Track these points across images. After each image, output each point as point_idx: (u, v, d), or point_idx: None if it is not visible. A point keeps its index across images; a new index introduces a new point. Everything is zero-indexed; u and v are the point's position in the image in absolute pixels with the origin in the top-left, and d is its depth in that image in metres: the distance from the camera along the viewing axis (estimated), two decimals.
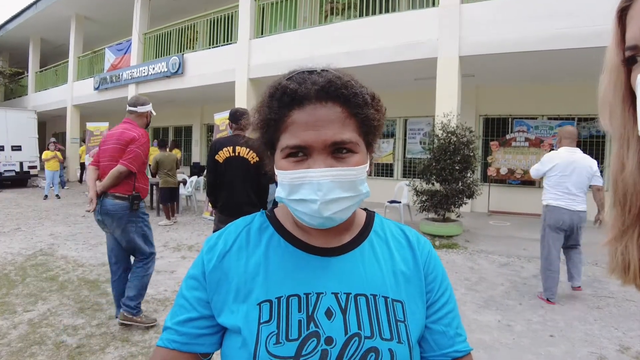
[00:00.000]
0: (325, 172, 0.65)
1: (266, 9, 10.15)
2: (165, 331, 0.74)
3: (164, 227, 7.84)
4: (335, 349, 0.65)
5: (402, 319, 0.71)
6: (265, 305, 0.68)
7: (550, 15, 6.46)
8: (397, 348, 0.67)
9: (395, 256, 0.77)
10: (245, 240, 0.76)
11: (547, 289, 4.11)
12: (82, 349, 3.02)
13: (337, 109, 0.67)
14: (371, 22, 8.34)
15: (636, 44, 0.47)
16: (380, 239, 0.79)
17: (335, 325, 0.67)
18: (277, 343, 0.65)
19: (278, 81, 0.70)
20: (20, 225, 7.76)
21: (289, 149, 0.67)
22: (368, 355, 0.65)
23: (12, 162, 14.21)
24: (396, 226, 0.84)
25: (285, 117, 0.67)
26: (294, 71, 0.71)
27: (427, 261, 0.79)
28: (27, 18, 16.83)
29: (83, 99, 15.62)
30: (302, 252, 0.73)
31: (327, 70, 0.70)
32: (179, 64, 11.46)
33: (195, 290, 0.73)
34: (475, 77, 8.76)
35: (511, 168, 9.20)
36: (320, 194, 0.65)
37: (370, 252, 0.76)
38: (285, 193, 0.69)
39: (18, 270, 4.94)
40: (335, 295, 0.70)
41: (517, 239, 6.88)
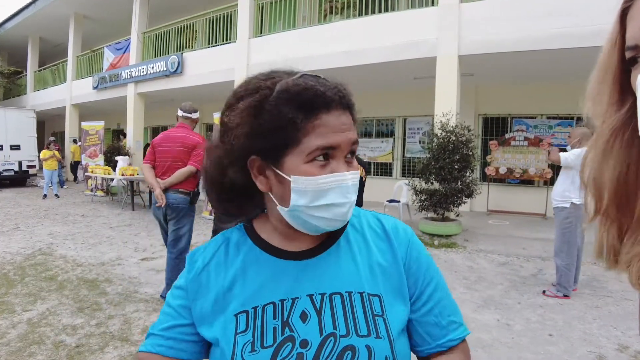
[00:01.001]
0: (352, 174, 0.68)
1: (265, 8, 10.14)
2: (149, 337, 0.74)
3: None
4: (311, 351, 0.65)
5: (380, 313, 0.70)
6: (242, 316, 0.69)
7: (549, 14, 6.46)
8: (375, 343, 0.67)
9: (372, 248, 0.77)
10: (223, 254, 0.76)
11: (568, 286, 4.18)
12: (81, 349, 3.02)
13: (349, 115, 0.69)
14: (370, 22, 8.33)
15: (636, 44, 0.48)
16: (356, 232, 0.79)
17: (310, 328, 0.67)
18: (252, 351, 0.66)
19: (301, 81, 0.65)
20: (19, 224, 7.75)
21: (320, 150, 0.65)
22: (344, 354, 0.65)
23: (11, 161, 14.19)
24: (373, 216, 0.83)
25: (312, 118, 0.64)
26: (298, 72, 0.69)
27: (407, 251, 0.77)
28: (26, 17, 16.79)
29: (82, 98, 15.59)
30: (279, 259, 0.73)
31: (326, 78, 0.69)
32: (178, 63, 11.45)
33: (180, 299, 0.75)
34: (474, 76, 8.76)
35: (510, 167, 9.20)
36: (349, 197, 0.67)
37: (346, 248, 0.75)
38: (307, 200, 0.66)
39: (17, 269, 4.94)
40: (310, 298, 0.70)
41: (516, 238, 6.88)
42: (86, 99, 15.39)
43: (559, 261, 4.22)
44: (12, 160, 14.20)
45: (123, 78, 13.22)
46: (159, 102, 14.40)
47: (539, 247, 6.28)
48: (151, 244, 6.39)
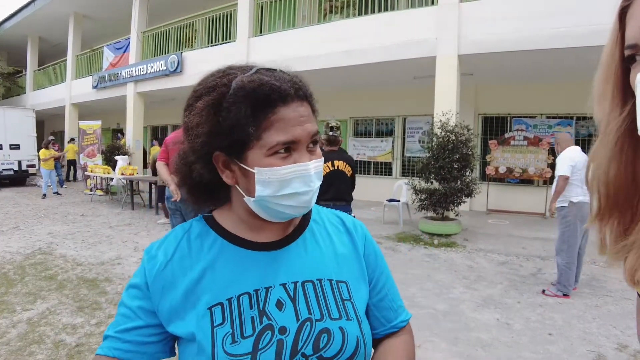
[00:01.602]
0: (315, 163, 0.70)
1: (265, 8, 10.14)
2: (106, 340, 0.72)
3: (162, 225, 7.84)
4: (290, 337, 0.68)
5: (348, 298, 0.76)
6: (217, 309, 0.69)
7: (549, 14, 6.46)
8: (347, 325, 0.72)
9: (335, 240, 0.82)
10: (186, 247, 0.75)
11: (567, 285, 4.18)
12: (81, 348, 3.02)
13: (308, 106, 0.71)
14: (370, 21, 8.33)
15: (636, 43, 0.48)
16: (319, 226, 0.84)
17: (286, 315, 0.70)
18: (233, 342, 0.66)
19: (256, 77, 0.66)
20: (18, 224, 7.75)
21: (281, 145, 0.66)
22: (321, 336, 0.69)
23: (11, 160, 14.17)
24: (332, 213, 0.90)
25: (269, 113, 0.66)
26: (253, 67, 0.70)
27: (365, 244, 0.85)
28: (25, 16, 16.77)
29: (81, 98, 15.58)
30: (248, 250, 0.74)
31: (282, 71, 0.71)
32: (177, 62, 11.44)
33: (138, 300, 0.72)
34: (474, 75, 8.76)
35: (510, 167, 9.21)
36: (312, 185, 0.70)
37: (311, 240, 0.80)
38: (272, 190, 0.68)
39: (17, 269, 4.94)
40: (284, 286, 0.72)
41: (516, 238, 6.89)
42: (86, 99, 15.38)
43: (559, 260, 4.24)
44: (11, 160, 14.19)
45: (123, 77, 13.21)
46: (158, 101, 14.39)
47: (538, 246, 6.29)
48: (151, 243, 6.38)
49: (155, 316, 0.72)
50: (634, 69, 0.49)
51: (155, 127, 17.72)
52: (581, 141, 9.14)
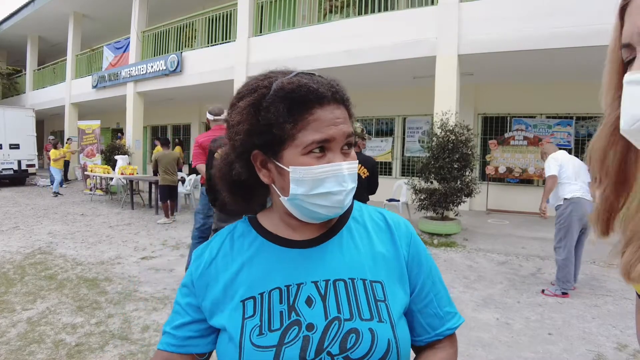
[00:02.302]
0: (348, 164, 0.71)
1: (265, 7, 10.14)
2: (164, 335, 0.80)
3: (162, 225, 7.84)
4: (317, 334, 0.68)
5: (383, 299, 0.74)
6: (249, 302, 0.73)
7: (549, 13, 6.47)
8: (378, 327, 0.70)
9: (374, 239, 0.81)
10: (229, 246, 0.80)
11: (567, 282, 4.19)
12: (81, 347, 3.02)
13: (344, 110, 0.73)
14: (370, 21, 8.33)
15: (629, 42, 0.50)
16: (358, 224, 0.83)
17: (315, 312, 0.71)
18: (260, 334, 0.69)
19: (295, 79, 0.70)
20: (18, 223, 7.75)
21: (315, 144, 0.69)
22: (349, 336, 0.68)
23: (10, 160, 14.17)
24: (375, 211, 0.88)
25: (306, 114, 0.69)
26: (294, 71, 0.73)
27: (409, 244, 0.82)
28: (25, 16, 16.76)
29: (81, 97, 15.57)
30: (284, 247, 0.77)
31: (321, 75, 0.74)
32: (177, 62, 11.44)
33: (186, 297, 0.79)
34: (473, 75, 8.77)
35: (509, 167, 9.22)
36: (345, 185, 0.71)
37: (348, 238, 0.79)
38: (306, 189, 0.70)
39: (17, 268, 4.94)
40: (315, 284, 0.73)
41: (516, 237, 6.89)
42: (85, 98, 15.37)
43: (557, 256, 4.28)
44: (11, 160, 14.19)
45: (122, 77, 13.20)
46: (158, 101, 14.39)
47: (538, 246, 6.29)
48: (151, 242, 6.40)
49: (201, 312, 0.78)
50: (629, 68, 0.50)
51: (155, 126, 17.71)
52: (580, 141, 9.15)
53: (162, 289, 4.33)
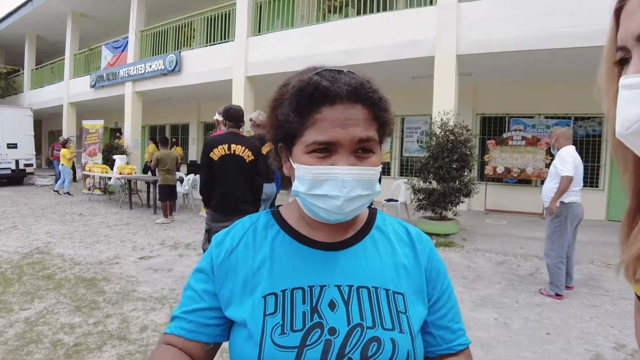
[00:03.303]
0: (351, 170, 0.68)
1: (264, 7, 10.13)
2: (173, 320, 0.78)
3: (161, 225, 7.83)
4: (339, 339, 0.67)
5: (404, 310, 0.73)
6: (271, 298, 0.71)
7: (548, 14, 6.48)
8: (399, 337, 0.69)
9: (397, 250, 0.80)
10: (252, 237, 0.79)
11: (559, 284, 4.18)
12: (79, 347, 3.01)
13: (364, 111, 0.69)
14: (369, 21, 8.33)
15: (624, 45, 0.50)
16: (382, 234, 0.82)
17: (338, 316, 0.69)
18: (282, 334, 0.67)
19: (308, 76, 0.69)
20: (16, 223, 7.73)
21: (317, 145, 0.68)
22: (370, 344, 0.67)
23: (8, 160, 14.13)
24: (398, 223, 0.87)
25: (313, 112, 0.68)
26: (320, 67, 0.72)
27: (429, 258, 0.82)
28: (23, 15, 16.70)
29: (79, 97, 15.54)
30: (306, 247, 0.76)
31: (355, 73, 0.72)
32: (176, 61, 11.42)
33: (203, 283, 0.77)
34: (472, 75, 8.78)
35: (508, 167, 9.23)
36: (345, 191, 0.68)
37: (372, 247, 0.78)
38: (305, 188, 0.70)
39: (14, 268, 4.92)
40: (338, 288, 0.72)
41: (514, 238, 6.90)
42: (84, 98, 15.34)
43: (549, 261, 4.25)
44: (9, 159, 14.15)
45: (121, 76, 13.18)
46: (156, 100, 14.37)
47: (536, 246, 6.30)
48: (149, 242, 6.39)
49: (217, 299, 0.76)
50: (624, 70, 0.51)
51: (153, 126, 17.69)
52: (579, 141, 9.17)
53: (160, 288, 4.32)
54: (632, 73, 0.48)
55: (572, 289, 4.32)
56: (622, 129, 0.49)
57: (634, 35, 0.48)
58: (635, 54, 0.48)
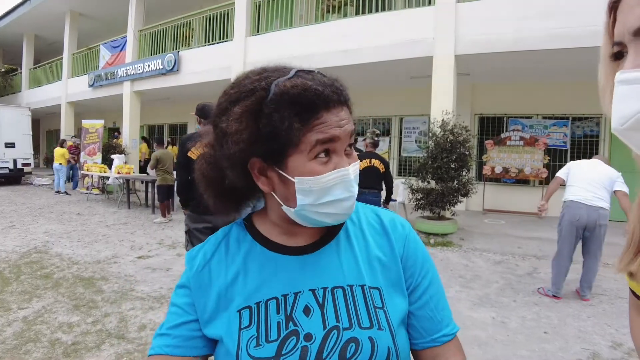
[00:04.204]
0: (353, 167, 0.69)
1: (262, 7, 10.13)
2: (157, 338, 0.73)
3: (159, 224, 7.82)
4: (315, 344, 0.66)
5: (381, 306, 0.71)
6: (245, 312, 0.70)
7: (546, 14, 6.50)
8: (378, 335, 0.68)
9: (370, 243, 0.77)
10: (224, 251, 0.76)
11: (554, 284, 4.17)
12: (78, 346, 3.01)
13: (347, 110, 0.69)
14: (367, 21, 8.34)
15: (621, 41, 0.50)
16: (355, 227, 0.79)
17: (313, 321, 0.68)
18: (257, 345, 0.66)
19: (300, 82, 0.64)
20: (14, 222, 7.72)
21: (320, 145, 0.64)
22: (348, 346, 0.66)
23: (6, 159, 14.10)
24: (372, 211, 0.84)
25: (312, 119, 0.64)
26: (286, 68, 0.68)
27: (404, 245, 0.78)
28: (21, 14, 16.66)
29: (78, 96, 15.51)
30: (279, 254, 0.74)
31: (321, 73, 0.69)
32: (174, 61, 11.42)
33: (186, 297, 0.74)
34: (470, 75, 8.80)
35: (506, 167, 9.25)
36: (353, 190, 0.68)
37: (345, 242, 0.76)
38: (313, 199, 0.66)
39: (12, 267, 4.92)
40: (313, 292, 0.71)
41: (512, 237, 6.92)
42: (82, 97, 15.32)
43: (553, 260, 4.26)
44: (6, 158, 14.12)
45: (119, 76, 13.16)
46: (155, 100, 14.34)
47: (534, 246, 6.32)
48: (147, 242, 6.38)
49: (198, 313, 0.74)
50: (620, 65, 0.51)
51: (151, 125, 17.66)
52: (577, 142, 9.19)
53: (159, 288, 4.32)
54: (628, 68, 0.48)
55: (587, 301, 4.13)
56: (617, 125, 0.49)
57: (631, 30, 0.48)
58: (632, 49, 0.49)
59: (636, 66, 0.47)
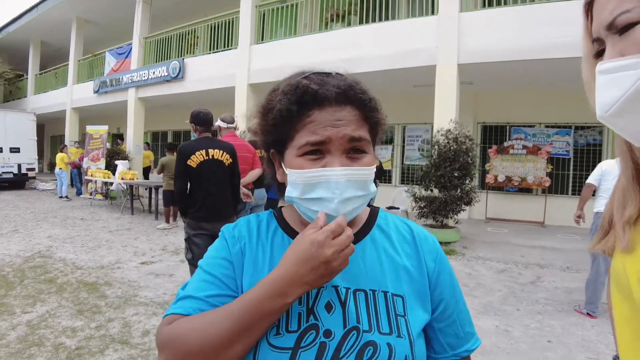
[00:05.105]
0: (343, 170, 0.67)
1: (267, 15, 10.22)
2: (187, 300, 0.71)
3: (162, 230, 7.84)
4: (334, 341, 0.66)
5: (403, 314, 0.71)
6: None
7: (548, 23, 6.54)
8: (396, 342, 0.68)
9: (399, 251, 0.78)
10: (256, 235, 0.78)
11: (591, 302, 3.94)
12: (81, 351, 3.02)
13: (355, 112, 0.70)
14: (371, 30, 8.41)
15: (598, 37, 0.54)
16: (382, 234, 0.80)
17: (334, 319, 0.68)
18: (277, 334, 0.67)
19: (296, 81, 0.70)
20: (18, 227, 7.75)
21: (309, 146, 0.68)
22: (366, 348, 0.66)
23: (10, 164, 14.19)
24: (402, 221, 0.84)
25: (303, 116, 0.68)
26: (308, 72, 0.72)
27: (436, 260, 0.79)
28: (28, 21, 16.88)
29: (83, 102, 15.63)
30: None
31: (343, 75, 0.72)
32: (179, 68, 11.51)
33: (224, 269, 0.73)
34: (473, 84, 8.83)
35: (509, 175, 9.25)
36: (338, 192, 0.67)
37: (371, 247, 0.77)
38: (298, 192, 0.70)
39: (16, 271, 4.94)
40: (336, 289, 0.71)
41: (515, 246, 6.91)
42: (87, 103, 15.43)
43: (588, 278, 4.02)
44: (11, 163, 14.21)
45: (124, 82, 13.27)
46: (159, 106, 14.43)
47: (537, 254, 6.31)
48: (150, 248, 6.40)
49: (238, 287, 0.73)
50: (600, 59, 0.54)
51: (155, 132, 17.75)
52: (579, 150, 9.20)
53: (162, 293, 4.33)
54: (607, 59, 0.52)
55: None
56: (602, 112, 0.52)
57: (604, 24, 0.52)
58: (609, 43, 0.52)
59: (613, 57, 0.51)
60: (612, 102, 0.50)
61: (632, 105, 0.49)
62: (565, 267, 5.66)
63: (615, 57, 0.51)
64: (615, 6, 0.50)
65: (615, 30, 0.51)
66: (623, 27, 0.50)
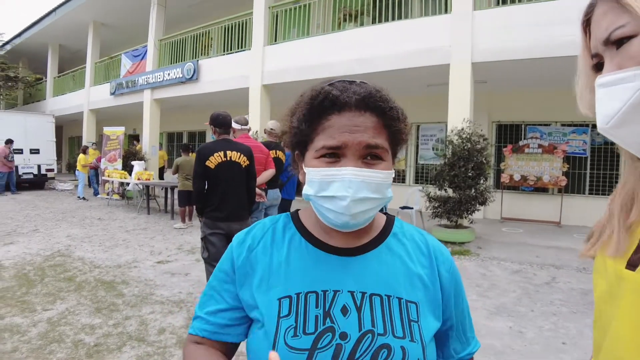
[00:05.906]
0: (357, 171, 0.70)
1: (280, 16, 10.27)
2: (195, 320, 0.81)
3: (178, 230, 7.95)
4: (349, 344, 0.68)
5: (416, 319, 0.74)
6: (285, 301, 0.73)
7: (563, 21, 6.43)
8: (410, 346, 0.70)
9: (413, 259, 0.80)
10: (270, 238, 0.81)
11: None
12: (100, 348, 3.10)
13: (373, 119, 0.72)
14: (384, 29, 8.40)
15: (597, 52, 0.57)
16: (398, 242, 0.82)
17: (350, 322, 0.70)
18: (294, 336, 0.69)
19: (320, 86, 0.74)
20: (38, 226, 7.94)
21: (325, 149, 0.71)
22: (381, 351, 0.68)
23: (31, 165, 14.53)
24: (418, 232, 0.86)
25: (323, 120, 0.72)
26: (335, 79, 0.76)
27: (450, 271, 0.83)
28: (46, 25, 17.26)
29: (99, 104, 15.92)
30: (322, 251, 0.77)
31: (367, 83, 0.76)
32: (193, 70, 11.64)
33: (225, 283, 0.80)
34: (487, 83, 8.75)
35: (524, 175, 9.14)
36: (351, 191, 0.69)
37: (387, 254, 0.79)
38: (314, 190, 0.72)
39: (37, 270, 5.07)
40: (352, 294, 0.73)
41: (530, 246, 6.83)
42: (103, 105, 15.71)
43: None
44: (31, 164, 14.55)
45: (140, 84, 13.48)
46: (174, 108, 14.62)
47: (552, 255, 6.23)
48: (166, 247, 6.50)
49: (238, 300, 0.78)
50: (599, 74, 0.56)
51: (170, 133, 17.97)
52: (596, 149, 9.05)
53: (178, 292, 4.40)
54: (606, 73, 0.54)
55: None
56: (602, 124, 0.54)
57: (600, 40, 0.54)
58: (607, 57, 0.54)
59: (611, 71, 0.53)
60: (612, 114, 0.52)
61: (631, 116, 0.51)
62: (581, 267, 5.58)
63: (613, 71, 0.52)
64: (609, 23, 0.53)
65: (612, 45, 0.53)
66: (619, 41, 0.52)
